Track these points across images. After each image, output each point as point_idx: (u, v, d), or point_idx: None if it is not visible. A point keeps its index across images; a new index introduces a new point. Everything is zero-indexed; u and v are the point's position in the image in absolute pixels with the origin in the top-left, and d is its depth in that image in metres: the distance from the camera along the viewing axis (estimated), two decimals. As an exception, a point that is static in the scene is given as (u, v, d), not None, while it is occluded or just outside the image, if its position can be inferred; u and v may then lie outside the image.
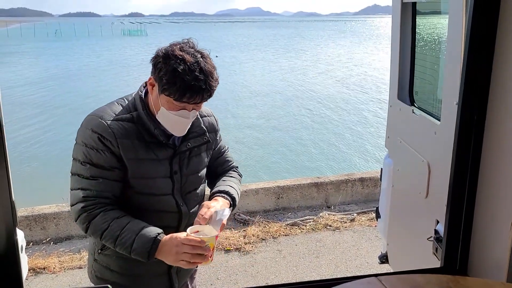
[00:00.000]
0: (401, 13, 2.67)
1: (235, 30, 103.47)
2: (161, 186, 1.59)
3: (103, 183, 1.51)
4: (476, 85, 1.50)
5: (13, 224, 1.25)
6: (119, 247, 1.49)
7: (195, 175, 1.69)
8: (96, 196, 1.51)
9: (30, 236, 4.32)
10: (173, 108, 1.51)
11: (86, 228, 1.52)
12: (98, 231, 1.50)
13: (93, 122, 1.51)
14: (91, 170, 1.50)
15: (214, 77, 1.50)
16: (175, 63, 1.44)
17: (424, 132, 2.32)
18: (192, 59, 1.46)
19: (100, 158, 1.50)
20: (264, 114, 15.13)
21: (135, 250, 1.47)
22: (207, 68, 1.48)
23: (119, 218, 1.50)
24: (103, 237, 1.50)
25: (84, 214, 1.50)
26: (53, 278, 3.79)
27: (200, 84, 1.45)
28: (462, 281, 0.97)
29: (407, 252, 2.62)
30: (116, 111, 1.55)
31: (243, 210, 5.00)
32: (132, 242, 1.47)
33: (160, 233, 1.49)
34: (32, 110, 15.64)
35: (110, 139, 1.49)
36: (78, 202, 1.51)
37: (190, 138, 1.65)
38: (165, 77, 1.46)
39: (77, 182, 1.53)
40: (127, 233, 1.47)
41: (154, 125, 1.56)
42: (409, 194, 2.52)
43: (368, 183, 5.40)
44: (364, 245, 4.33)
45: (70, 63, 31.60)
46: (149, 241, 1.46)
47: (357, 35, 72.99)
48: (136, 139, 1.54)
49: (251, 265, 3.99)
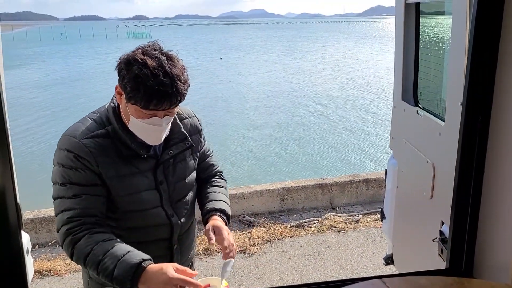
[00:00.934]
0: (404, 13, 2.66)
1: (239, 32, 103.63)
2: (148, 199, 1.51)
3: (86, 199, 1.41)
4: (481, 86, 1.50)
5: (18, 227, 1.25)
6: (101, 274, 1.36)
7: (182, 182, 1.61)
8: (81, 216, 1.40)
9: (35, 239, 4.34)
10: (143, 116, 1.41)
11: (71, 254, 1.40)
12: (81, 256, 1.38)
13: (67, 142, 1.43)
14: (72, 189, 1.41)
15: (182, 80, 1.39)
16: (137, 68, 1.34)
17: (429, 133, 2.31)
18: (155, 62, 1.36)
19: (80, 177, 1.41)
20: (272, 115, 15.16)
21: (116, 278, 1.32)
22: (173, 71, 1.37)
23: (104, 242, 1.38)
24: (86, 263, 1.37)
25: (68, 238, 1.40)
26: (59, 280, 3.81)
27: (166, 89, 1.35)
28: (467, 283, 0.97)
29: (413, 253, 2.61)
30: (90, 127, 1.46)
31: (248, 211, 5.00)
32: (113, 268, 1.33)
33: (146, 259, 1.36)
34: (40, 112, 15.78)
35: (88, 158, 1.41)
36: (63, 225, 1.41)
37: (171, 145, 1.56)
38: (128, 85, 1.36)
39: (59, 205, 1.43)
40: (109, 259, 1.35)
41: (131, 139, 1.47)
42: (414, 195, 2.51)
43: (373, 184, 5.39)
44: (369, 246, 4.32)
45: (77, 65, 31.83)
46: (132, 268, 1.32)
47: (362, 36, 72.86)
48: (115, 155, 1.45)
49: (256, 267, 3.99)
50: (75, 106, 16.28)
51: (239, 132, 12.76)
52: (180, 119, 1.63)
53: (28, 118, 14.30)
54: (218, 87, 20.83)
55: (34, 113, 15.40)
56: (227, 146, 11.16)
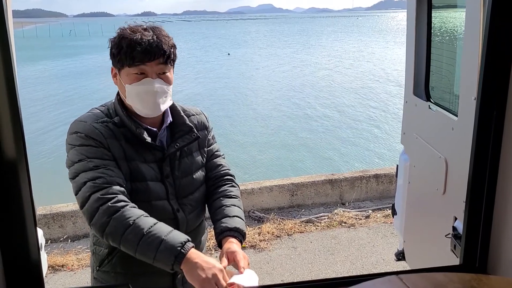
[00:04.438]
0: (416, 7, 2.63)
1: (248, 27, 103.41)
2: (153, 191, 1.50)
3: (109, 170, 1.40)
4: (495, 80, 1.47)
5: (34, 223, 1.27)
6: (141, 249, 1.31)
7: (189, 178, 1.58)
8: (110, 183, 1.37)
9: (48, 234, 4.39)
10: (135, 79, 1.44)
11: (104, 224, 1.33)
12: (120, 228, 1.32)
13: (77, 126, 1.46)
14: (92, 162, 1.40)
15: (165, 34, 1.47)
16: (119, 32, 1.46)
17: (441, 128, 2.29)
18: (138, 27, 1.46)
19: (95, 152, 1.42)
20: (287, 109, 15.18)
21: (161, 252, 1.30)
22: (155, 29, 1.46)
23: (146, 217, 1.36)
24: (123, 236, 1.32)
25: (104, 206, 1.33)
26: (71, 275, 3.85)
27: (148, 39, 1.41)
28: (485, 280, 0.96)
29: (424, 249, 2.59)
30: (99, 116, 1.50)
31: (258, 207, 5.01)
32: (159, 243, 1.30)
33: (190, 241, 1.35)
34: (53, 106, 15.95)
35: (99, 139, 1.43)
36: (93, 192, 1.35)
37: (177, 137, 1.57)
38: (114, 49, 1.45)
39: (81, 178, 1.39)
40: (155, 232, 1.31)
41: (136, 125, 1.49)
42: (426, 190, 2.50)
43: (383, 180, 5.36)
44: (379, 242, 4.30)
45: (88, 60, 32.13)
46: (179, 244, 1.31)
47: (373, 30, 72.19)
48: (123, 140, 1.48)
49: (266, 262, 4.00)
50: (89, 99, 16.40)
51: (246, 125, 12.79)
52: (187, 115, 1.64)
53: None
54: (233, 81, 20.93)
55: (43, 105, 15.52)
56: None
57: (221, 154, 1.76)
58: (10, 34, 1.18)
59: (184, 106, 1.69)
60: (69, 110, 14.91)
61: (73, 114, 14.10)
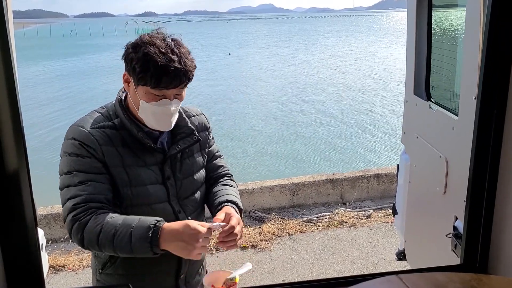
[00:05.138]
0: (416, 6, 2.63)
1: (249, 27, 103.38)
2: (154, 194, 1.49)
3: (92, 186, 1.40)
4: (496, 79, 1.47)
5: (35, 224, 1.27)
6: (119, 249, 1.35)
7: (190, 178, 1.59)
8: (86, 201, 1.38)
9: (49, 235, 4.40)
10: (153, 99, 1.42)
11: (81, 240, 1.38)
12: (93, 237, 1.35)
13: (74, 131, 1.44)
14: (77, 176, 1.40)
15: (190, 58, 1.42)
16: (145, 48, 1.38)
17: (442, 127, 2.29)
18: (163, 43, 1.40)
19: (85, 164, 1.41)
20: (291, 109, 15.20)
21: (134, 245, 1.32)
22: (180, 50, 1.41)
23: (112, 218, 1.37)
24: (100, 243, 1.35)
25: (76, 225, 1.37)
26: (72, 275, 3.86)
27: (175, 66, 1.37)
28: (486, 280, 0.96)
29: (425, 248, 2.59)
30: (97, 119, 1.48)
31: (259, 207, 5.01)
32: (129, 237, 1.32)
33: (159, 220, 1.36)
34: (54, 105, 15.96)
35: (93, 147, 1.41)
36: (69, 213, 1.39)
37: (178, 139, 1.56)
38: (137, 66, 1.38)
39: (65, 194, 1.42)
40: (122, 229, 1.34)
41: (137, 128, 1.48)
42: (427, 190, 2.50)
43: (384, 179, 5.36)
44: (380, 241, 4.30)
45: (89, 60, 32.18)
46: (147, 229, 1.32)
47: (375, 30, 72.11)
48: (120, 146, 1.46)
49: (267, 262, 4.00)
50: (90, 100, 16.46)
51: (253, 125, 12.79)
52: (188, 116, 1.63)
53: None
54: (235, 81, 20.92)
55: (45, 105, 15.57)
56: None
57: (221, 155, 1.77)
58: (11, 34, 1.18)
59: (185, 106, 1.67)
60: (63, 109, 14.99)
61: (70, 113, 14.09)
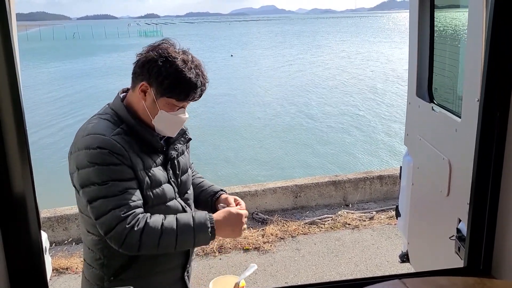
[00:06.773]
0: (418, 7, 2.63)
1: (251, 28, 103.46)
2: (167, 192, 1.57)
3: (130, 193, 1.43)
4: (498, 81, 1.47)
5: (38, 226, 1.27)
6: (179, 246, 1.49)
7: (186, 175, 1.70)
8: (133, 208, 1.42)
9: (52, 237, 4.41)
10: (173, 109, 1.52)
11: (137, 246, 1.43)
12: (154, 241, 1.44)
13: (96, 140, 1.42)
14: (115, 186, 1.41)
15: (205, 72, 1.56)
16: (174, 63, 1.46)
17: (444, 129, 2.28)
18: (186, 57, 1.50)
19: (119, 172, 1.42)
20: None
21: (198, 238, 1.50)
22: (199, 63, 1.54)
23: (166, 220, 1.48)
24: (160, 244, 1.45)
25: (131, 233, 1.41)
26: (75, 278, 3.86)
27: (200, 80, 1.51)
28: (489, 283, 0.95)
29: (429, 251, 2.58)
30: (110, 126, 1.48)
31: (261, 209, 5.01)
32: (193, 233, 1.48)
33: (208, 213, 1.54)
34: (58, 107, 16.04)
35: (122, 154, 1.43)
36: (118, 223, 1.40)
37: (174, 140, 1.64)
38: (167, 80, 1.45)
39: (104, 204, 1.41)
40: (184, 228, 1.48)
41: (149, 133, 1.53)
42: (430, 192, 2.49)
43: (387, 181, 5.35)
44: (383, 243, 4.29)
45: (93, 62, 32.30)
46: (205, 223, 1.49)
47: (379, 31, 71.98)
48: (138, 150, 1.50)
49: (270, 264, 3.99)
50: (95, 103, 16.59)
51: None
52: None
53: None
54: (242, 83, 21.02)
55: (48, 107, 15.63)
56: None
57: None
58: (14, 37, 1.19)
59: None
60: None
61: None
